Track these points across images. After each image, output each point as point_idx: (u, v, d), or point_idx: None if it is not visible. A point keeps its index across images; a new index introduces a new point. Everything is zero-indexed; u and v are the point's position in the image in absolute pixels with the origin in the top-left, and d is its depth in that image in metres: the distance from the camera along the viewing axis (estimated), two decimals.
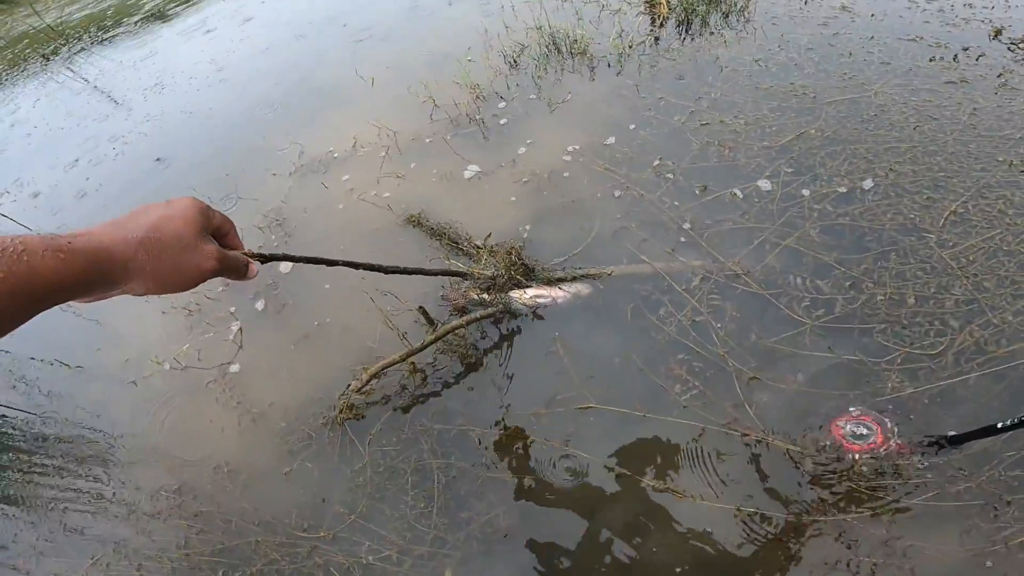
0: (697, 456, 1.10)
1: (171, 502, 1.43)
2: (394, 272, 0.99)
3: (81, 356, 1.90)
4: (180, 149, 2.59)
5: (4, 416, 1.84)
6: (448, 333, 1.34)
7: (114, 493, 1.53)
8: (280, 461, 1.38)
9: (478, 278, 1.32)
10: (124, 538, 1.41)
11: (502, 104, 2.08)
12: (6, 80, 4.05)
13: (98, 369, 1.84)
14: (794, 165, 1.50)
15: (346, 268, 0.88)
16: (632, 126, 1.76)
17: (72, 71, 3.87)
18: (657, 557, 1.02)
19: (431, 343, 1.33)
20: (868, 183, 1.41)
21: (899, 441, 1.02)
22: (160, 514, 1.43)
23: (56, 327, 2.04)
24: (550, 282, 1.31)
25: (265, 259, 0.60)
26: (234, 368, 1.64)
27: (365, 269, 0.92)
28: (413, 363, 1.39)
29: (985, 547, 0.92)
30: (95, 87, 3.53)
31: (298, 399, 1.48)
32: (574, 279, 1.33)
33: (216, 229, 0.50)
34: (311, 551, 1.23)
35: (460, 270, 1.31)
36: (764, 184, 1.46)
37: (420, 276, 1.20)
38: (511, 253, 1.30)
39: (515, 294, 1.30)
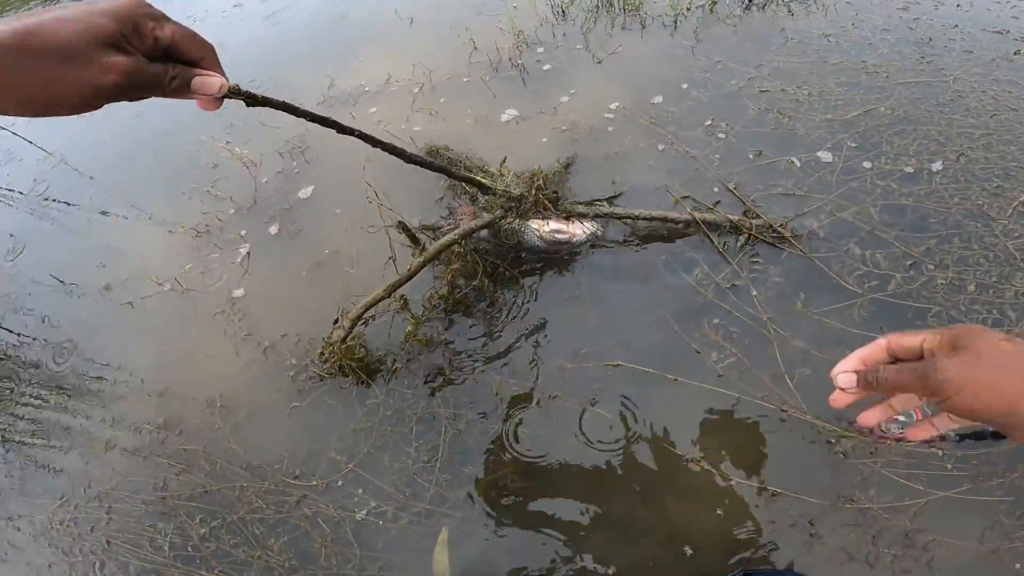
0: (728, 428, 1.05)
1: (153, 438, 1.39)
2: (415, 162, 0.91)
3: (76, 273, 1.87)
4: None
5: None
6: (439, 253, 1.22)
7: (92, 427, 1.48)
8: (278, 400, 1.34)
9: (500, 194, 1.22)
10: (96, 478, 1.37)
11: (544, 51, 2.02)
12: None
13: (92, 287, 1.81)
14: (859, 140, 1.43)
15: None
16: (684, 86, 1.69)
17: None
18: (671, 530, 0.98)
19: (420, 268, 1.22)
20: (937, 165, 1.34)
21: (939, 431, 0.97)
22: (140, 451, 1.39)
23: (54, 244, 2.01)
24: (570, 216, 1.23)
25: (252, 100, 0.52)
26: (238, 293, 1.60)
27: (384, 149, 0.83)
28: (404, 297, 1.30)
29: (1004, 544, 0.88)
30: None
31: (305, 332, 1.44)
32: (596, 216, 1.26)
33: (158, 44, 0.42)
34: (300, 500, 1.19)
35: (483, 181, 1.20)
36: (824, 155, 1.40)
37: (441, 181, 1.12)
38: (537, 177, 1.21)
39: (535, 223, 1.22)
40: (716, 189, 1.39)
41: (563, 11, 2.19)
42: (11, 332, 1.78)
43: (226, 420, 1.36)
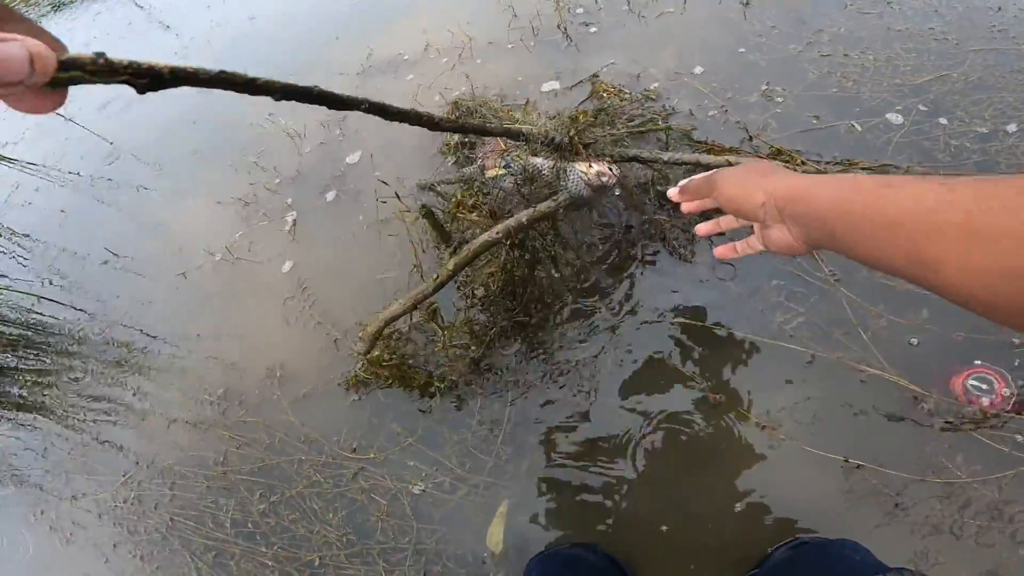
0: (803, 390, 1.03)
1: (214, 410, 1.43)
2: (443, 128, 0.74)
3: (128, 247, 1.97)
4: (242, 51, 2.64)
5: (39, 315, 1.90)
6: (476, 256, 1.04)
7: (152, 401, 1.54)
8: (337, 385, 1.35)
9: (538, 139, 1.07)
10: (159, 453, 1.42)
11: (586, 13, 2.03)
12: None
13: (145, 261, 1.90)
14: (930, 105, 1.40)
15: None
16: (741, 49, 1.67)
17: None
18: (735, 497, 0.97)
19: (449, 278, 1.03)
20: (1012, 127, 1.31)
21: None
22: (201, 424, 1.43)
23: (104, 219, 2.11)
24: (601, 157, 1.12)
25: (146, 79, 0.29)
26: (287, 266, 1.66)
27: (402, 119, 0.64)
28: (433, 306, 1.22)
29: None
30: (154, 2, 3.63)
31: (365, 296, 1.46)
32: (624, 160, 1.17)
33: None
34: (357, 473, 1.22)
35: (513, 128, 1.06)
36: (894, 117, 1.37)
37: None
38: (579, 117, 1.15)
39: (581, 166, 1.10)
40: (767, 147, 1.37)
41: None
42: (65, 306, 1.87)
43: (285, 392, 1.40)
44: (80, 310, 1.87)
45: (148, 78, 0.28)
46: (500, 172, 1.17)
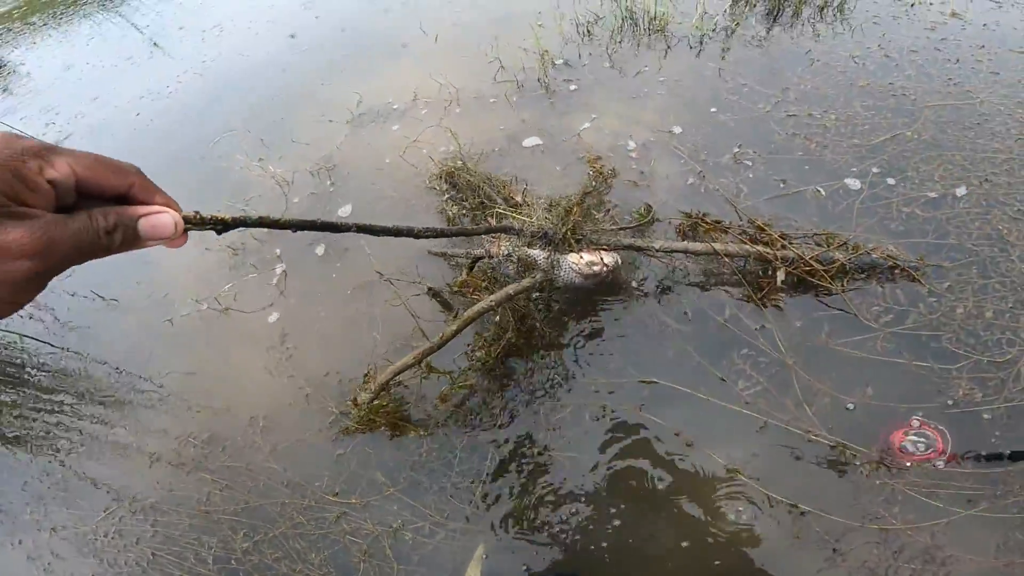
0: (757, 447, 1.17)
1: (198, 452, 1.50)
2: (427, 235, 0.82)
3: (117, 290, 2.02)
4: (232, 91, 2.74)
5: (24, 350, 1.95)
6: (472, 320, 1.24)
7: (137, 441, 1.59)
8: (320, 436, 1.43)
9: (530, 233, 1.26)
10: (141, 491, 1.47)
11: (570, 70, 2.17)
12: (63, 20, 4.30)
13: (133, 304, 1.96)
14: (884, 167, 1.55)
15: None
16: (713, 109, 1.82)
17: (122, 14, 4.09)
18: (704, 546, 1.09)
19: (451, 336, 1.24)
20: (962, 190, 1.45)
21: (956, 453, 1.08)
22: (184, 465, 1.49)
23: (95, 261, 2.19)
24: (598, 247, 1.30)
25: (223, 226, 0.43)
26: (273, 317, 1.73)
27: (385, 234, 0.72)
28: (429, 364, 1.36)
29: (1017, 559, 0.99)
30: (151, 26, 3.73)
31: (347, 367, 1.53)
32: (619, 248, 1.34)
33: (60, 189, 0.30)
34: (339, 517, 1.30)
35: (509, 225, 1.26)
36: (852, 183, 1.52)
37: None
38: (574, 210, 1.28)
39: (572, 258, 1.29)
40: (743, 220, 1.50)
41: (588, 30, 2.34)
42: (56, 347, 1.94)
43: (267, 440, 1.46)
44: (65, 349, 1.93)
45: (222, 225, 0.44)
46: (502, 257, 1.31)
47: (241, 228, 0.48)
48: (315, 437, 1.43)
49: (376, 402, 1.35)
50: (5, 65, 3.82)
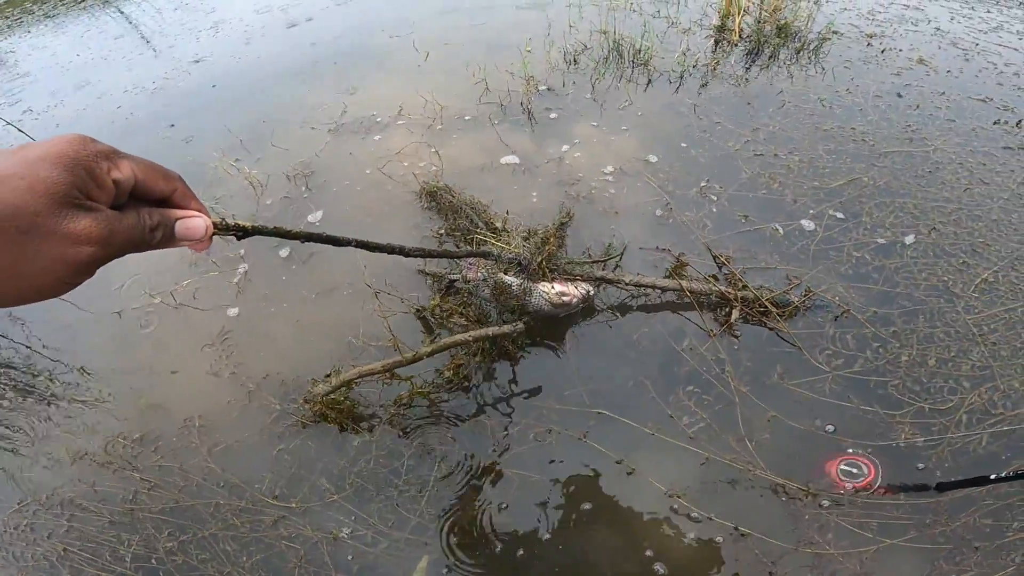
0: (701, 478, 1.24)
1: (128, 451, 1.46)
2: (416, 255, 0.93)
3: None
4: (217, 91, 2.81)
5: None
6: (447, 348, 1.31)
7: (62, 434, 1.55)
8: (261, 436, 1.41)
9: (507, 260, 1.35)
10: (60, 485, 1.42)
11: (553, 98, 2.28)
12: (60, 12, 4.35)
13: (81, 295, 1.88)
14: (841, 209, 1.66)
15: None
16: (684, 144, 1.93)
17: (122, 10, 4.16)
18: (645, 568, 1.16)
19: (425, 356, 1.30)
20: (910, 238, 1.57)
21: (886, 483, 1.17)
22: (111, 463, 1.45)
23: None
24: (570, 277, 1.39)
25: (243, 232, 0.48)
26: (232, 312, 1.74)
27: (383, 251, 0.82)
28: (394, 374, 1.38)
29: None
30: (148, 23, 3.80)
31: (303, 369, 1.53)
32: (591, 280, 1.42)
33: (120, 189, 0.36)
34: (277, 521, 1.27)
35: (488, 251, 1.35)
36: (807, 224, 1.63)
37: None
38: (548, 241, 1.38)
39: (543, 286, 1.38)
40: (706, 257, 1.60)
41: (575, 59, 2.46)
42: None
43: (204, 440, 1.43)
44: (2, 336, 1.86)
45: (242, 232, 0.49)
46: (478, 281, 1.39)
47: (257, 236, 0.52)
48: (256, 437, 1.42)
49: (332, 396, 1.37)
50: None
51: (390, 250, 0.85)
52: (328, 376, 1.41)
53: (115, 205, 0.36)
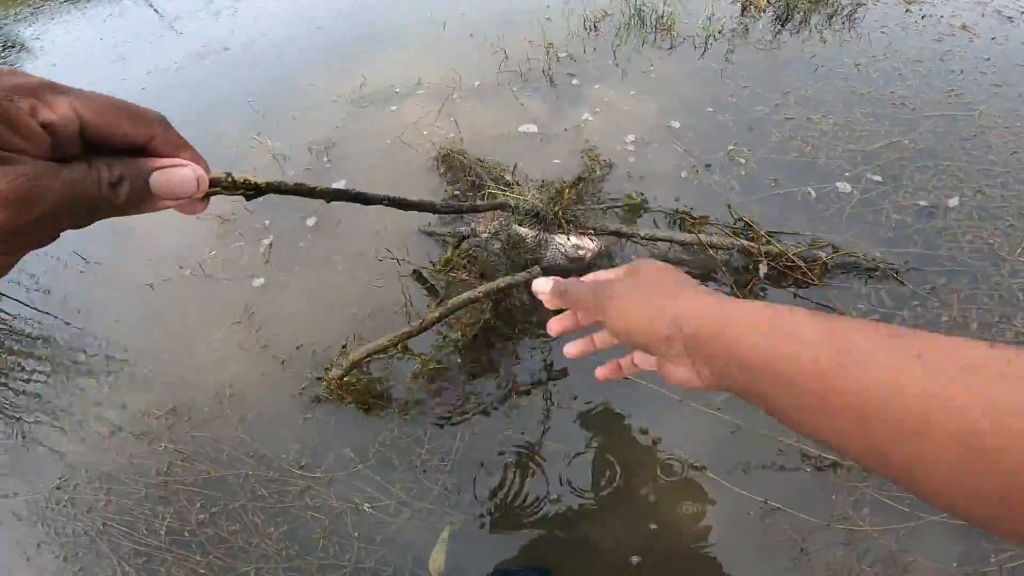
0: (732, 448, 1.22)
1: (162, 423, 1.50)
2: (447, 211, 0.89)
3: (99, 253, 2.05)
4: (238, 68, 2.85)
5: None
6: (456, 310, 1.24)
7: (100, 409, 1.58)
8: (291, 405, 1.44)
9: (523, 210, 1.32)
10: (99, 460, 1.46)
11: (573, 64, 2.25)
12: None
13: (114, 269, 1.98)
14: (879, 173, 1.61)
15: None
16: (710, 109, 1.89)
17: None
18: (672, 542, 1.14)
19: (433, 323, 1.26)
20: (954, 201, 1.51)
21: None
22: (146, 435, 1.48)
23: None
24: (585, 231, 1.36)
25: (255, 191, 0.40)
26: (258, 282, 1.79)
27: (411, 208, 0.80)
28: (406, 346, 1.36)
29: (980, 567, 1.03)
30: (167, 8, 3.86)
31: (332, 336, 1.55)
32: (606, 234, 1.39)
33: (60, 135, 0.26)
34: (303, 491, 1.30)
35: (503, 201, 1.31)
36: (843, 186, 1.58)
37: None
38: (566, 191, 1.36)
39: (560, 238, 1.35)
40: (733, 217, 1.57)
41: (595, 25, 2.43)
42: (29, 307, 1.96)
43: (236, 410, 1.47)
44: (37, 309, 1.94)
45: (254, 190, 0.40)
46: (489, 235, 1.37)
47: (274, 194, 0.43)
48: (286, 406, 1.44)
49: (346, 379, 1.37)
50: (17, 41, 3.97)
51: (420, 207, 0.84)
52: (343, 355, 1.42)
53: (60, 158, 0.27)
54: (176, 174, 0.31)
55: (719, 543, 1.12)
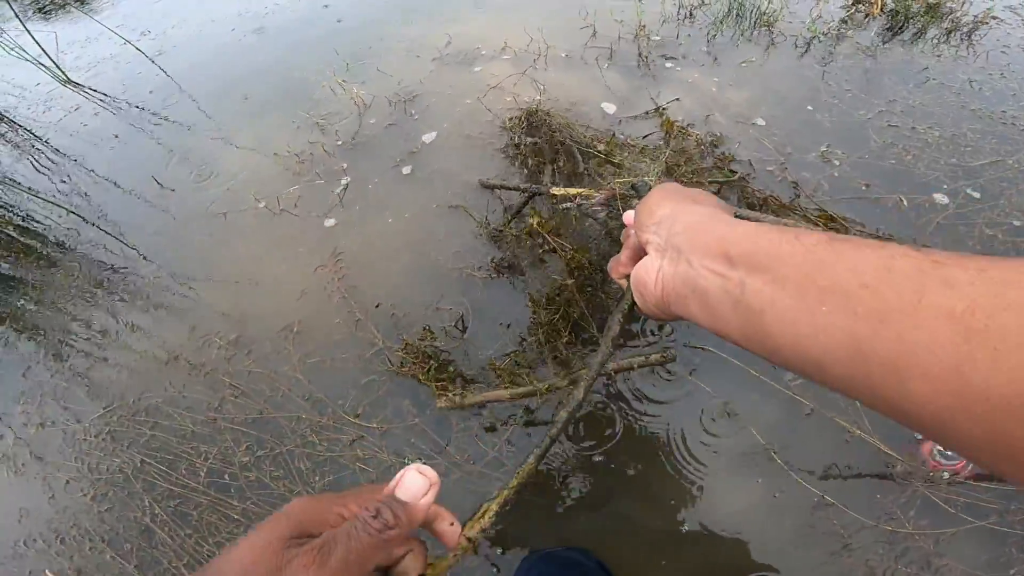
0: (798, 432, 1.23)
1: (222, 354, 1.45)
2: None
3: (175, 181, 2.09)
4: (326, 16, 2.97)
5: (70, 228, 1.95)
6: (591, 380, 0.94)
7: (162, 335, 1.55)
8: (361, 355, 1.40)
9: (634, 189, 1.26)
10: (150, 390, 1.40)
11: (665, 49, 2.26)
12: None
13: (188, 195, 2.00)
14: (978, 190, 1.57)
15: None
16: (810, 107, 1.87)
17: None
18: (722, 525, 1.16)
19: (561, 387, 1.20)
20: None
21: (977, 471, 1.11)
22: (203, 366, 1.43)
23: (155, 153, 2.26)
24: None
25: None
26: (329, 222, 1.83)
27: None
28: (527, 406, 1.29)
29: (1006, 573, 1.02)
30: None
31: (418, 290, 1.53)
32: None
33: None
34: (355, 441, 1.26)
35: (628, 182, 1.20)
36: (941, 198, 1.54)
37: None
38: (678, 166, 1.32)
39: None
40: (813, 209, 1.56)
41: (691, 13, 2.42)
42: (90, 224, 2.00)
43: (298, 348, 1.44)
44: (105, 231, 1.93)
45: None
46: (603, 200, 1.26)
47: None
48: (351, 364, 1.41)
49: (416, 362, 1.35)
50: None
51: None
52: (422, 337, 1.41)
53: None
54: (406, 479, 0.44)
55: (762, 528, 1.13)
